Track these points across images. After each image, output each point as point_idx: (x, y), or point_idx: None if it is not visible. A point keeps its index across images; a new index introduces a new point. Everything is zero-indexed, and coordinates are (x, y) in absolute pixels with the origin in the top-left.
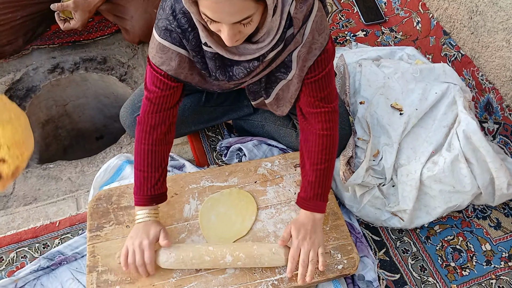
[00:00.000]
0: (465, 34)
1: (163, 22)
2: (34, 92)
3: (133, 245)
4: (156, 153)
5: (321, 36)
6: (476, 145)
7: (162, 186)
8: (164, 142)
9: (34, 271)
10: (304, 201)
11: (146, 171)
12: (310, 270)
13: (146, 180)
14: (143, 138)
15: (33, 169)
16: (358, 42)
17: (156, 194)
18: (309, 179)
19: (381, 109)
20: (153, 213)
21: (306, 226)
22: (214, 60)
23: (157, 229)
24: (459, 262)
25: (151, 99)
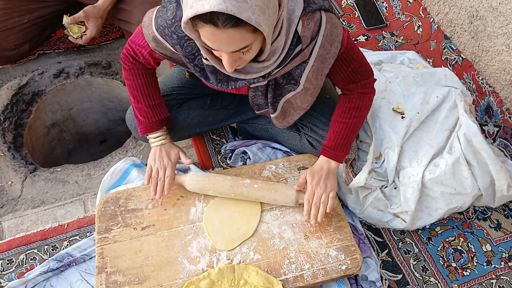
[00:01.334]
0: (466, 39)
1: (162, 21)
2: (39, 96)
3: (155, 164)
4: (149, 84)
5: (334, 46)
6: (476, 148)
7: (165, 111)
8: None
9: (43, 273)
10: (326, 148)
11: (146, 101)
12: (320, 211)
13: (149, 108)
14: (133, 75)
15: (40, 173)
16: (359, 46)
17: (165, 117)
18: (335, 129)
19: (383, 112)
20: (167, 135)
21: (320, 173)
22: (215, 74)
23: (176, 150)
24: (460, 262)
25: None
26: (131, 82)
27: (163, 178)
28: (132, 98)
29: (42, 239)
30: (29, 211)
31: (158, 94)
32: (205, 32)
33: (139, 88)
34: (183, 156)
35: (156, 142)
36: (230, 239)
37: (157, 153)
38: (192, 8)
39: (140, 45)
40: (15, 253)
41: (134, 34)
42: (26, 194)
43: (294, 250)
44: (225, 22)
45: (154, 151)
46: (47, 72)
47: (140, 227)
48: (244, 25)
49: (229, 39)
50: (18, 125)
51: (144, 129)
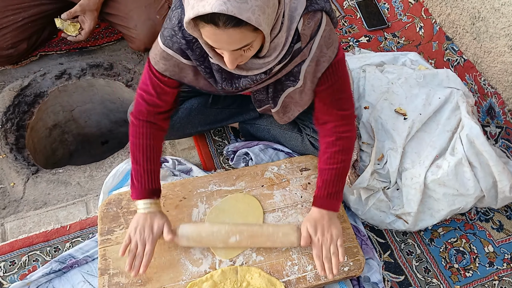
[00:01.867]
0: (468, 40)
1: (168, 31)
2: (41, 97)
3: (135, 236)
4: (153, 148)
5: (329, 50)
6: (479, 149)
7: (159, 181)
8: (159, 137)
9: (46, 274)
10: (319, 199)
11: (145, 165)
12: (334, 263)
13: (146, 173)
14: (139, 133)
15: (42, 174)
16: (361, 47)
17: (156, 188)
18: (325, 177)
19: (385, 114)
20: (156, 203)
21: (321, 221)
22: (220, 72)
23: (160, 222)
24: (463, 263)
25: (147, 101)
26: (136, 140)
27: (141, 253)
28: (132, 158)
29: (45, 241)
30: (31, 213)
31: (158, 161)
32: (206, 32)
33: (142, 148)
34: (166, 231)
35: (142, 209)
36: (230, 249)
37: (140, 222)
38: (193, 9)
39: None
40: (17, 254)
41: (142, 77)
42: (28, 195)
43: (297, 252)
44: (226, 23)
45: (137, 218)
46: (49, 74)
47: None
48: (244, 25)
49: (230, 38)
50: (20, 126)
51: (135, 194)
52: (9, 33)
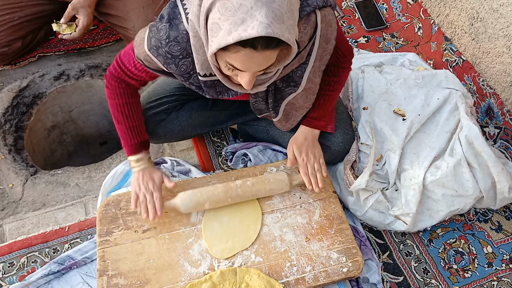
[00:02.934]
0: (466, 40)
1: (155, 41)
2: (40, 99)
3: (141, 189)
4: (131, 104)
5: (329, 44)
6: (478, 150)
7: (144, 133)
8: (134, 94)
9: (45, 276)
10: (312, 119)
11: (127, 122)
12: (319, 178)
13: (129, 130)
14: (114, 94)
15: (41, 175)
16: (359, 48)
17: (143, 140)
18: (319, 101)
19: (384, 114)
20: (149, 159)
21: (305, 144)
22: (214, 87)
23: (159, 174)
24: (461, 264)
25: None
26: (113, 101)
27: (152, 200)
28: (114, 118)
29: (43, 242)
30: (30, 214)
31: (139, 116)
32: (240, 56)
33: (121, 107)
34: (167, 180)
35: (137, 167)
36: (227, 248)
37: (140, 178)
38: (231, 35)
39: (130, 64)
40: (16, 256)
41: (124, 53)
42: (27, 196)
43: (296, 253)
44: (266, 45)
45: (137, 176)
46: (47, 75)
47: (141, 230)
48: (281, 45)
49: (264, 60)
50: (18, 127)
51: (126, 150)
52: (4, 32)
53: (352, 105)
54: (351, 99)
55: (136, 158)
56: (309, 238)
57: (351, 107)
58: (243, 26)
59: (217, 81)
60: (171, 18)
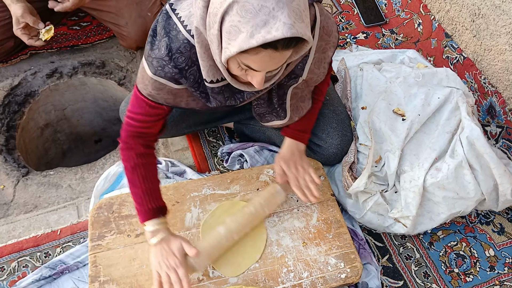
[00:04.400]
0: (467, 37)
1: (158, 61)
2: (32, 97)
3: (162, 268)
4: (146, 166)
5: (332, 36)
6: (480, 152)
7: (161, 199)
8: (151, 155)
9: (36, 281)
10: (295, 131)
11: (143, 185)
12: (313, 188)
13: (145, 193)
14: (129, 156)
15: (33, 176)
16: (358, 44)
17: (161, 205)
18: None
19: (383, 114)
20: (163, 223)
21: (293, 158)
22: (222, 93)
23: (177, 243)
24: (463, 268)
25: (135, 126)
26: (127, 163)
27: (177, 279)
28: (129, 183)
29: (35, 246)
30: (21, 216)
31: (155, 178)
32: (259, 57)
33: (136, 169)
34: (187, 247)
35: (154, 239)
36: (237, 264)
37: (159, 255)
38: (254, 37)
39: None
40: (6, 260)
41: (130, 103)
42: (19, 198)
43: (293, 258)
44: (288, 44)
45: (155, 252)
46: (39, 72)
47: (134, 234)
48: (300, 43)
49: (283, 58)
50: (10, 126)
51: (140, 217)
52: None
53: (350, 104)
54: (349, 98)
55: (153, 225)
56: (306, 242)
57: (350, 106)
58: (266, 28)
59: (224, 87)
60: (167, 32)
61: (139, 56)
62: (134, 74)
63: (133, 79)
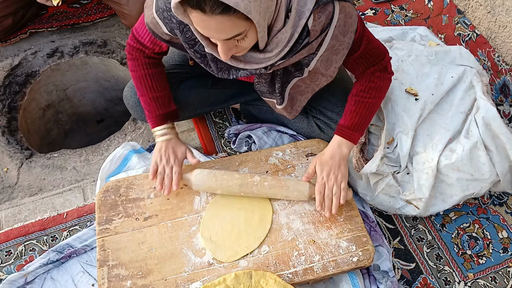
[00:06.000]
0: (481, 13)
1: (162, 3)
2: (33, 77)
3: (162, 161)
4: (153, 75)
5: (347, 37)
6: (495, 132)
7: (170, 104)
8: (158, 64)
9: (43, 265)
10: (343, 128)
11: (149, 93)
12: (334, 203)
13: (153, 100)
14: (136, 65)
15: (37, 159)
16: (367, 21)
17: (168, 111)
18: (353, 108)
19: (396, 94)
20: (173, 131)
21: (330, 163)
22: (215, 62)
23: (182, 148)
24: (476, 250)
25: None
26: (135, 73)
27: (170, 174)
28: (137, 90)
29: (41, 229)
30: (26, 199)
31: (162, 86)
32: (194, 18)
33: (142, 79)
34: (190, 155)
35: (161, 137)
36: (232, 251)
37: (163, 149)
38: None
39: (143, 32)
40: (13, 244)
41: (138, 22)
42: (23, 181)
43: (303, 241)
44: (213, 8)
45: (160, 147)
46: (40, 52)
47: (142, 218)
48: (234, 12)
49: (219, 26)
50: (12, 108)
51: (150, 122)
52: None
53: None
54: None
55: (161, 129)
56: (317, 226)
57: None
58: None
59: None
60: None
61: None
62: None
63: None
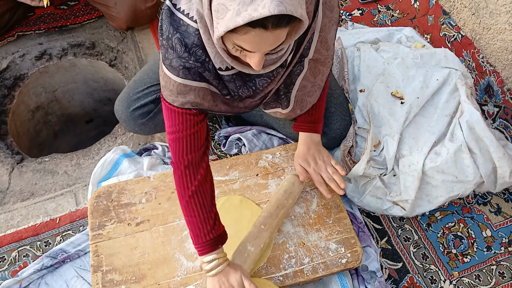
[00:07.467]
0: (466, 15)
1: (177, 61)
2: (22, 80)
3: None
4: (201, 193)
5: (334, 11)
6: (479, 135)
7: (220, 225)
8: (206, 179)
9: (37, 270)
10: (304, 123)
11: (198, 215)
12: (338, 179)
13: (202, 223)
14: (183, 182)
15: (28, 163)
16: (354, 21)
17: (217, 234)
18: None
19: (382, 97)
20: (224, 257)
21: (309, 153)
22: (234, 82)
23: (237, 275)
24: (460, 248)
25: (179, 140)
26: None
27: None
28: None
29: (34, 235)
30: (18, 205)
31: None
32: (249, 37)
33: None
34: (247, 284)
35: (211, 271)
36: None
37: (220, 284)
38: (240, 15)
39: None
40: (7, 250)
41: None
42: (14, 186)
43: (294, 244)
44: (278, 23)
45: (213, 284)
46: (28, 54)
47: (134, 223)
48: (292, 22)
49: (275, 38)
50: (1, 111)
51: (199, 250)
52: None
53: (348, 86)
54: (347, 80)
55: (212, 256)
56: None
57: (347, 88)
58: (253, 5)
59: (236, 75)
60: (176, 28)
61: (129, 36)
62: (125, 54)
63: (124, 60)
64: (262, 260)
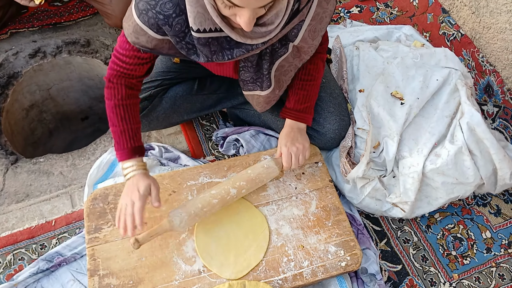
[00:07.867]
0: (466, 13)
1: (144, 5)
2: (16, 78)
3: (124, 201)
4: (126, 107)
5: (330, 4)
6: (480, 137)
7: (139, 139)
8: (133, 96)
9: (33, 274)
10: (292, 111)
11: (121, 125)
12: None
13: (123, 133)
14: (111, 95)
15: (23, 164)
16: (352, 19)
17: (136, 145)
18: (298, 91)
19: (381, 98)
20: (140, 166)
21: (290, 135)
22: (208, 46)
23: (146, 182)
24: (460, 250)
25: (120, 66)
26: (110, 102)
27: (131, 212)
28: (109, 120)
29: (30, 238)
30: (13, 206)
31: (134, 119)
32: None
33: (116, 109)
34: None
35: (127, 175)
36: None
37: (127, 188)
38: None
39: (124, 49)
40: (2, 253)
41: (118, 42)
42: (9, 187)
43: (293, 247)
44: None
45: (126, 186)
46: (22, 52)
47: None
48: None
49: None
50: None
51: (118, 156)
52: None
53: (347, 86)
54: (345, 79)
55: (129, 164)
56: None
57: (346, 88)
58: None
59: (211, 39)
60: None
61: None
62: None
63: None
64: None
